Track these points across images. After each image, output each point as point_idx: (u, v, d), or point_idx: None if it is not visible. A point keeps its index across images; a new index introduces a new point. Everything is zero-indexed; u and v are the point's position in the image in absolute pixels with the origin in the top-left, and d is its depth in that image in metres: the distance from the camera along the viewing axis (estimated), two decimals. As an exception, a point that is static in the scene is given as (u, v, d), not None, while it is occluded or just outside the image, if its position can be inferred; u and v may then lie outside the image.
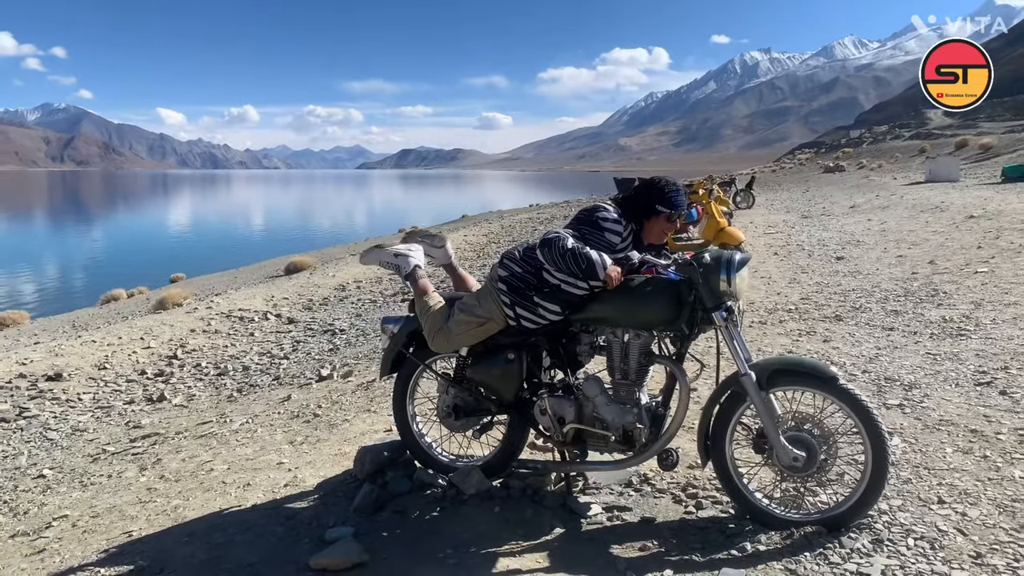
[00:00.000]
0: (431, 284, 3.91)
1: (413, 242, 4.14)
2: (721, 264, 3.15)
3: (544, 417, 3.54)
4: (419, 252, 4.06)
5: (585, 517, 3.38)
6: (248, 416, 6.13)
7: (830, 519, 3.08)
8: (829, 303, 7.83)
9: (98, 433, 6.45)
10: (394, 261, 4.00)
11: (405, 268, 3.96)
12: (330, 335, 9.74)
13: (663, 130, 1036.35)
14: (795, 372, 3.18)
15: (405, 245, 4.08)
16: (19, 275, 27.78)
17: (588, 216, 3.43)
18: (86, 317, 15.28)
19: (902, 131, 67.66)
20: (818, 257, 11.25)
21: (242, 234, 47.31)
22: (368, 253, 4.11)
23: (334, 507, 3.66)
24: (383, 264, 4.05)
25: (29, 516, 4.51)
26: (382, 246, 4.11)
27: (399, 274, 3.99)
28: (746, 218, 18.51)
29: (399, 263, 3.99)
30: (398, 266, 3.99)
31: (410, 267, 3.96)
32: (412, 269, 3.95)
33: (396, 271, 4.00)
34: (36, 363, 8.44)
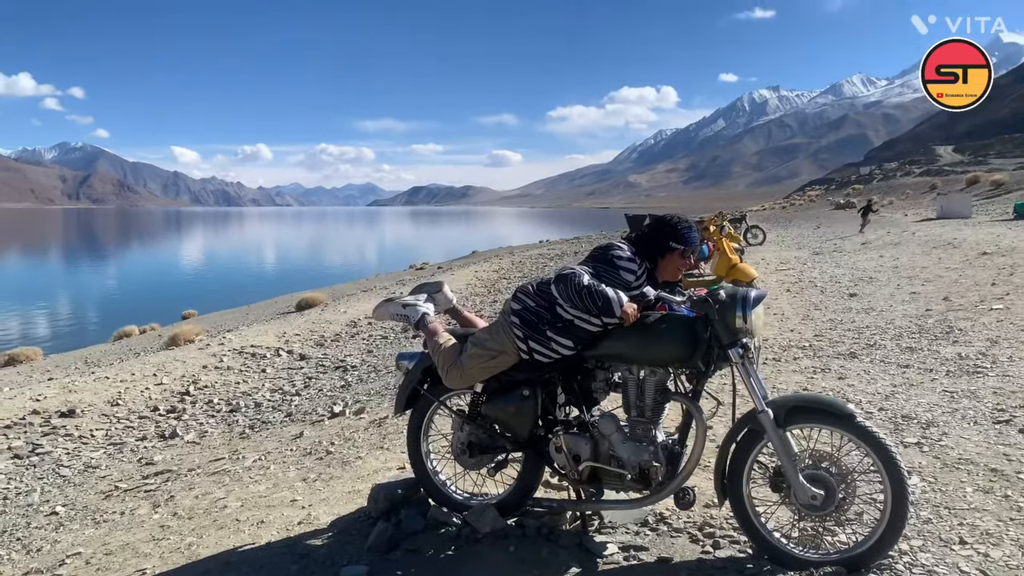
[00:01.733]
0: (441, 326, 3.95)
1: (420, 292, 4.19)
2: (737, 301, 3.15)
3: (559, 455, 3.52)
4: (428, 302, 4.13)
5: (601, 556, 3.34)
6: (261, 453, 6.12)
7: (849, 559, 3.04)
8: (843, 340, 7.80)
9: (111, 470, 6.45)
10: (403, 312, 4.06)
11: (414, 317, 4.02)
12: (342, 371, 9.75)
13: (672, 167, 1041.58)
14: (813, 409, 3.16)
15: (412, 296, 4.14)
16: (34, 311, 27.99)
17: (603, 254, 3.45)
18: (99, 353, 15.35)
19: (912, 167, 67.78)
20: (831, 294, 11.22)
21: (254, 271, 47.62)
22: (379, 308, 4.17)
23: (348, 545, 3.63)
24: (393, 317, 4.11)
25: (42, 553, 4.49)
26: (391, 299, 4.17)
27: (409, 324, 4.04)
28: (757, 254, 18.51)
29: (408, 313, 4.05)
30: (407, 316, 4.04)
31: (418, 315, 4.02)
32: (421, 316, 4.01)
33: (406, 321, 4.05)
34: (49, 399, 8.47)
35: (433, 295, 4.18)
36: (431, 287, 4.22)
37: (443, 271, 25.24)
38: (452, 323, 4.19)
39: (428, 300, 4.14)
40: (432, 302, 4.15)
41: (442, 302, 4.21)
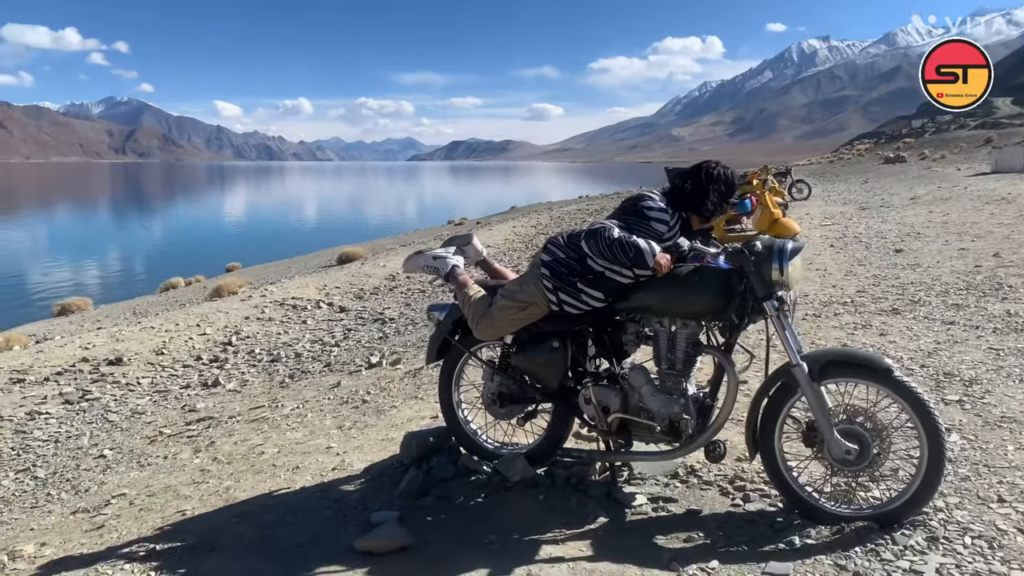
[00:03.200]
0: (470, 278, 3.93)
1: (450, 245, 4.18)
2: (773, 252, 3.07)
3: (589, 406, 3.51)
4: (457, 255, 4.10)
5: (629, 507, 3.35)
6: (299, 402, 6.24)
7: (883, 515, 3.00)
8: (887, 296, 7.62)
9: (155, 416, 6.64)
10: (433, 264, 4.05)
11: (444, 269, 4.00)
12: (380, 324, 9.84)
13: (717, 120, 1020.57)
14: (848, 364, 3.10)
15: (443, 248, 4.12)
16: (85, 263, 28.71)
17: (633, 206, 3.38)
18: (146, 304, 15.73)
19: (967, 120, 65.36)
20: (876, 249, 10.95)
21: (296, 225, 48.13)
22: (408, 261, 4.15)
23: (380, 491, 3.70)
24: (423, 269, 4.10)
25: (89, 494, 4.67)
26: (421, 251, 4.16)
27: (439, 276, 4.03)
28: (802, 209, 18.12)
29: (438, 265, 4.03)
30: (437, 268, 4.03)
31: (448, 267, 4.00)
32: (451, 269, 3.99)
33: (436, 273, 4.04)
34: (98, 348, 8.71)
35: (463, 247, 4.16)
36: (461, 240, 4.20)
37: (481, 227, 25.22)
38: (483, 275, 4.17)
39: (457, 252, 4.12)
40: (462, 255, 4.13)
41: (472, 254, 4.18)
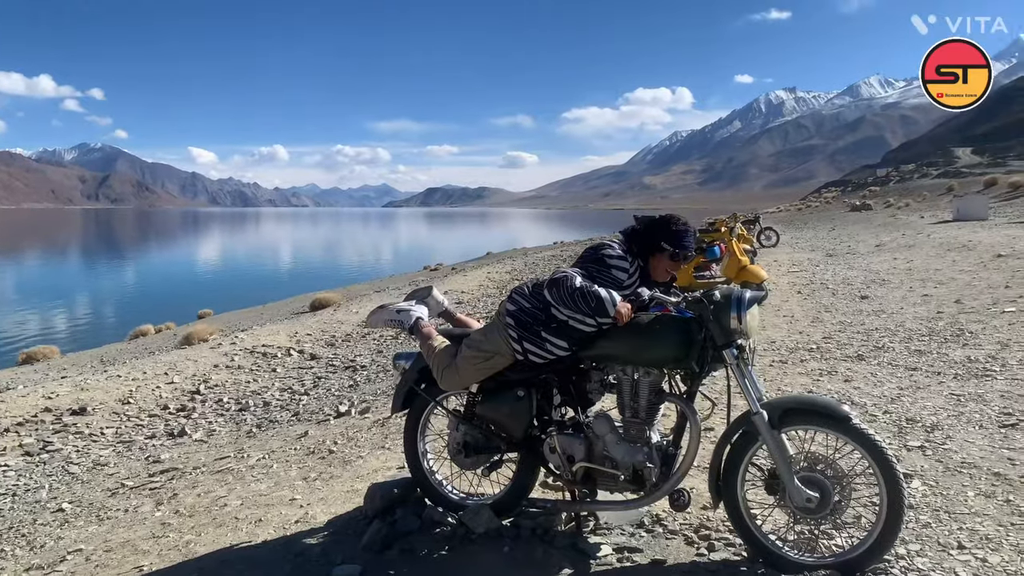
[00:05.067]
0: (434, 330, 3.95)
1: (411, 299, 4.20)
2: (732, 301, 3.13)
3: (554, 455, 3.51)
4: (421, 306, 4.12)
5: (595, 558, 3.33)
6: (265, 452, 6.15)
7: (844, 563, 3.01)
8: (852, 342, 7.73)
9: (118, 467, 6.51)
10: (396, 317, 4.06)
11: (407, 322, 4.01)
12: (351, 371, 9.78)
13: (688, 169, 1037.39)
14: (807, 411, 3.14)
15: (406, 303, 4.14)
16: (53, 310, 28.26)
17: (593, 254, 3.43)
18: (114, 352, 15.49)
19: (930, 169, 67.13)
20: (842, 296, 11.13)
21: (270, 271, 47.84)
22: (372, 316, 4.16)
23: (343, 544, 3.64)
24: (387, 323, 4.10)
25: (45, 550, 4.55)
26: (384, 306, 4.16)
27: (403, 328, 4.03)
28: (770, 256, 18.40)
29: (401, 318, 4.04)
30: (401, 321, 4.04)
31: (412, 319, 4.01)
32: (414, 321, 4.01)
33: (400, 327, 4.05)
34: (62, 397, 8.55)
35: (423, 300, 4.18)
36: (421, 292, 4.22)
37: (456, 272, 25.27)
38: (447, 326, 4.19)
39: (419, 304, 4.14)
40: (424, 306, 4.14)
41: (433, 306, 4.19)
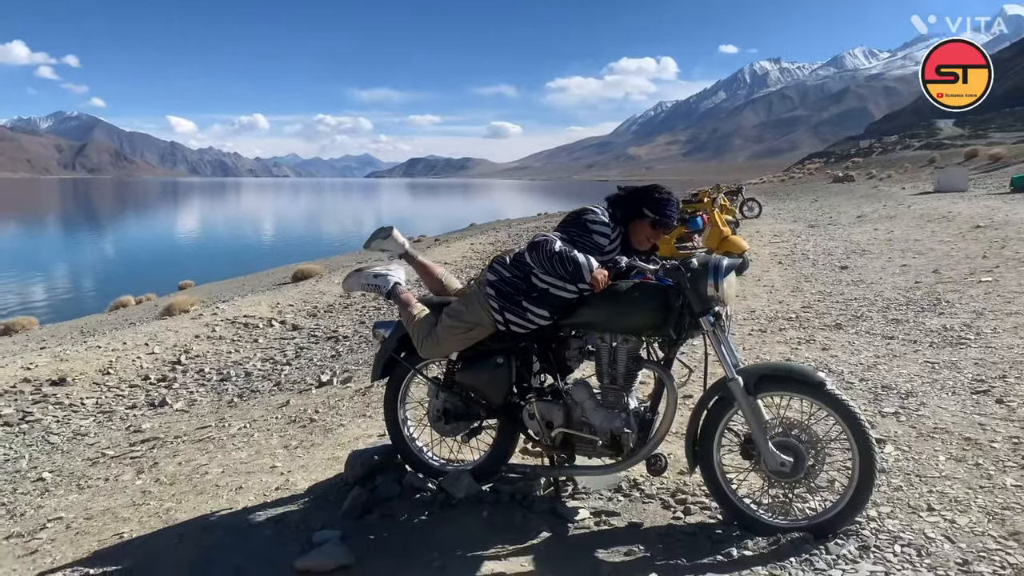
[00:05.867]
0: (413, 296, 3.94)
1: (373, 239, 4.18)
2: (709, 269, 3.15)
3: (533, 421, 3.53)
4: (399, 270, 4.09)
5: (572, 522, 3.37)
6: (246, 421, 6.15)
7: (817, 525, 3.07)
8: (830, 312, 7.81)
9: (99, 437, 6.49)
10: (374, 282, 4.03)
11: (385, 287, 3.99)
12: (333, 342, 9.77)
13: (672, 139, 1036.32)
14: (783, 377, 3.18)
15: (383, 266, 4.11)
16: (31, 281, 27.94)
17: (576, 218, 3.43)
18: (94, 323, 15.36)
19: (912, 141, 67.43)
20: (822, 266, 11.22)
21: (252, 242, 47.46)
22: (348, 279, 4.13)
23: (323, 510, 3.67)
24: (364, 287, 4.08)
25: (25, 518, 4.54)
26: (360, 270, 4.13)
27: (380, 293, 4.00)
28: (752, 227, 18.49)
29: (379, 283, 4.02)
30: (378, 285, 4.01)
31: (389, 284, 3.99)
32: (392, 286, 3.99)
33: (377, 291, 4.02)
34: (41, 368, 8.49)
35: (383, 240, 4.15)
36: (381, 233, 4.18)
37: (440, 243, 25.20)
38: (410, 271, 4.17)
39: (392, 259, 4.11)
40: (386, 249, 4.11)
41: (394, 248, 4.17)
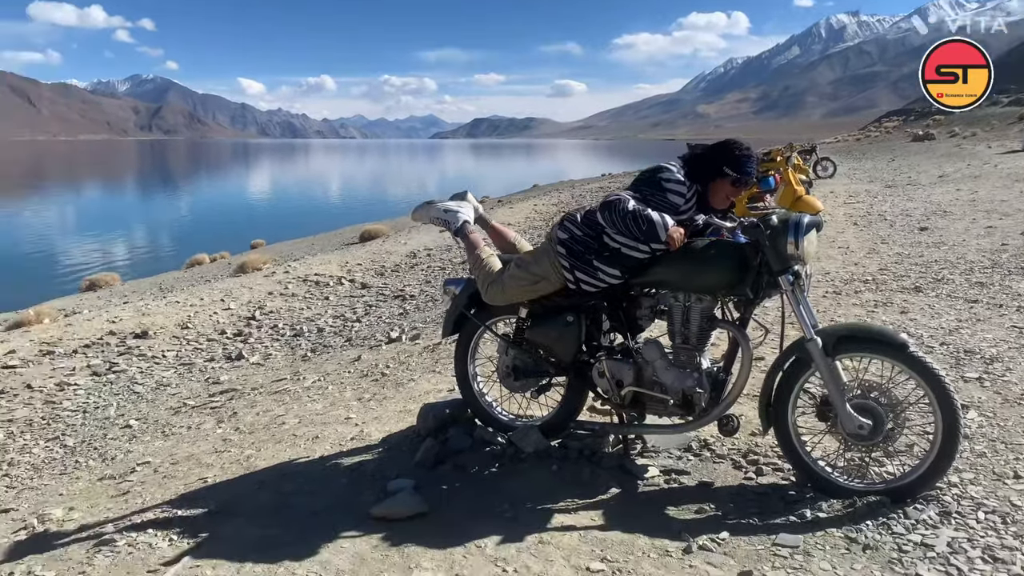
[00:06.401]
0: (482, 239, 3.94)
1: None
2: (789, 226, 3.06)
3: (602, 380, 3.53)
4: (468, 208, 4.07)
5: (642, 479, 3.38)
6: (320, 374, 6.33)
7: (895, 489, 3.00)
8: (909, 274, 7.54)
9: (180, 388, 6.78)
10: (444, 216, 4.03)
11: (454, 223, 3.99)
12: (400, 300, 9.92)
13: (743, 97, 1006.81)
14: (863, 338, 3.09)
15: (455, 202, 4.10)
16: (113, 239, 29.08)
17: (651, 177, 3.36)
18: (172, 280, 15.95)
19: (1000, 97, 63.85)
20: (900, 227, 10.81)
21: (320, 202, 48.28)
22: (419, 209, 4.13)
23: (397, 461, 3.76)
24: (433, 220, 4.08)
25: (116, 462, 4.80)
26: (432, 202, 4.13)
27: (449, 229, 4.01)
28: (826, 187, 17.90)
29: (448, 218, 4.01)
30: (447, 221, 4.01)
31: (459, 222, 3.99)
32: (461, 224, 3.98)
33: (446, 226, 4.02)
34: (125, 321, 8.88)
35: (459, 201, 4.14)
36: (456, 196, 4.18)
37: (502, 205, 25.19)
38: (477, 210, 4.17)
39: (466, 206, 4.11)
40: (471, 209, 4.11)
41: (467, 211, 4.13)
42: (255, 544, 2.96)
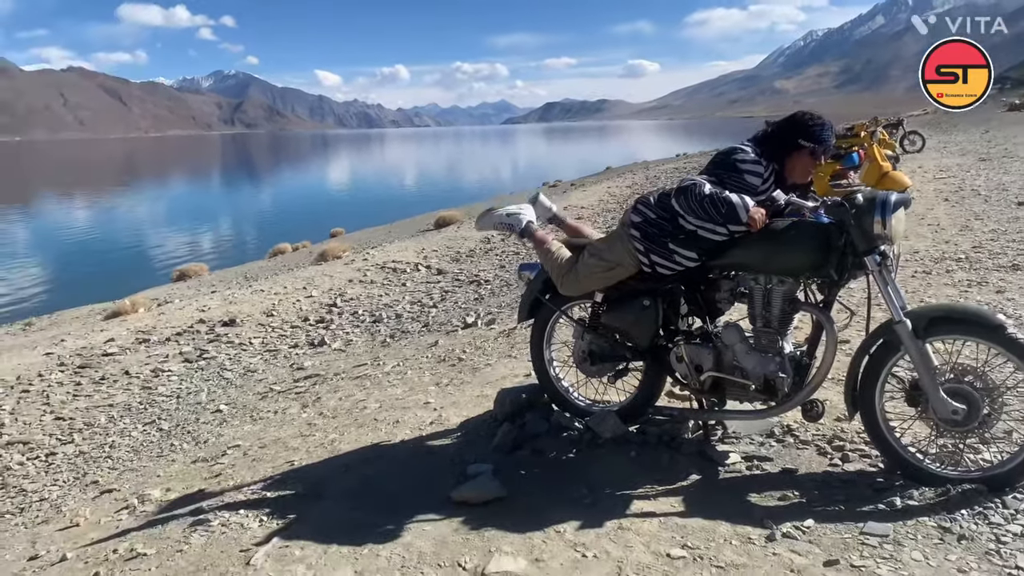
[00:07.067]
0: (548, 234, 3.93)
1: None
2: (876, 204, 2.94)
3: (681, 364, 3.48)
4: (529, 209, 4.07)
5: (723, 465, 3.33)
6: (399, 360, 6.45)
7: (993, 477, 2.87)
8: (1006, 252, 7.15)
9: (266, 374, 7.02)
10: (507, 221, 4.03)
11: (518, 226, 3.99)
12: (476, 285, 10.01)
13: (823, 71, 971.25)
14: (956, 319, 2.95)
15: (516, 206, 4.10)
16: (200, 231, 30.29)
17: (725, 159, 3.28)
18: (256, 269, 16.52)
19: (1107, 61, 59.59)
20: (996, 203, 10.26)
21: (396, 190, 49.09)
22: (481, 219, 4.14)
23: (475, 445, 3.81)
24: (497, 227, 4.08)
25: (208, 445, 5.02)
26: (492, 209, 4.13)
27: (514, 232, 4.01)
28: (915, 162, 17.12)
29: (511, 222, 4.01)
30: (511, 225, 4.01)
31: (522, 223, 3.99)
32: (525, 225, 3.98)
33: (511, 230, 4.02)
34: (213, 310, 9.24)
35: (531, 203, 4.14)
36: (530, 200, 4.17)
37: (575, 188, 25.07)
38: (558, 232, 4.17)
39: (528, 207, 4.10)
40: (532, 208, 4.10)
41: (541, 212, 4.15)
42: (340, 526, 3.06)
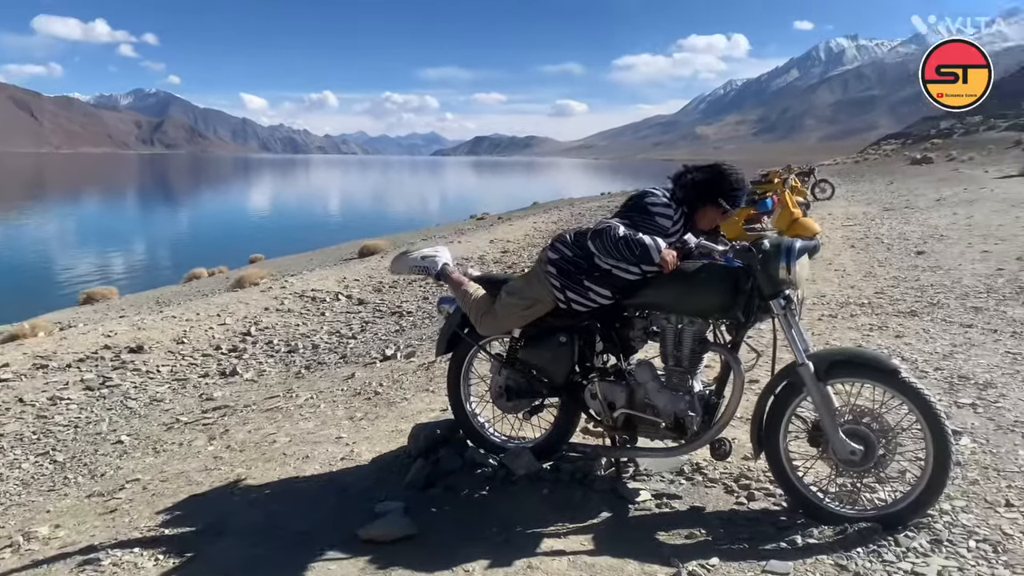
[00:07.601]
0: (465, 276, 3.94)
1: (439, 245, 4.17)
2: (781, 251, 3.06)
3: (595, 401, 3.52)
4: (445, 251, 4.08)
5: (633, 503, 3.36)
6: (313, 392, 6.31)
7: (886, 516, 2.99)
8: (905, 298, 7.54)
9: (174, 404, 6.75)
10: (421, 264, 4.02)
11: (434, 268, 3.99)
12: (397, 317, 9.91)
13: (742, 119, 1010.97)
14: (855, 363, 3.08)
15: (431, 248, 4.11)
16: (111, 253, 29.10)
17: (637, 202, 3.37)
18: (170, 294, 15.93)
19: (998, 122, 64.12)
20: (897, 251, 10.83)
21: (320, 217, 48.37)
22: (396, 262, 4.12)
23: (387, 482, 3.74)
24: (412, 270, 4.07)
25: (105, 478, 4.77)
26: (407, 252, 4.13)
27: (430, 275, 4.01)
28: (824, 209, 17.93)
29: (427, 264, 4.01)
30: (426, 268, 4.01)
31: (438, 266, 3.99)
32: (441, 267, 3.99)
33: (426, 273, 4.02)
34: (120, 336, 8.85)
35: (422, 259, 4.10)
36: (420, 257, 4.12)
37: (502, 222, 25.24)
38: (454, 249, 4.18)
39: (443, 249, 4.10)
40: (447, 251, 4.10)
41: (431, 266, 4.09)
42: (242, 564, 2.95)
